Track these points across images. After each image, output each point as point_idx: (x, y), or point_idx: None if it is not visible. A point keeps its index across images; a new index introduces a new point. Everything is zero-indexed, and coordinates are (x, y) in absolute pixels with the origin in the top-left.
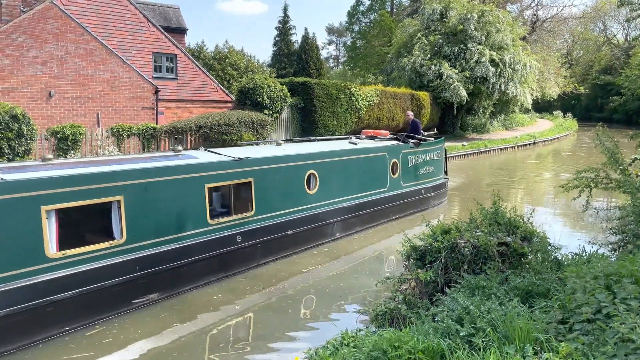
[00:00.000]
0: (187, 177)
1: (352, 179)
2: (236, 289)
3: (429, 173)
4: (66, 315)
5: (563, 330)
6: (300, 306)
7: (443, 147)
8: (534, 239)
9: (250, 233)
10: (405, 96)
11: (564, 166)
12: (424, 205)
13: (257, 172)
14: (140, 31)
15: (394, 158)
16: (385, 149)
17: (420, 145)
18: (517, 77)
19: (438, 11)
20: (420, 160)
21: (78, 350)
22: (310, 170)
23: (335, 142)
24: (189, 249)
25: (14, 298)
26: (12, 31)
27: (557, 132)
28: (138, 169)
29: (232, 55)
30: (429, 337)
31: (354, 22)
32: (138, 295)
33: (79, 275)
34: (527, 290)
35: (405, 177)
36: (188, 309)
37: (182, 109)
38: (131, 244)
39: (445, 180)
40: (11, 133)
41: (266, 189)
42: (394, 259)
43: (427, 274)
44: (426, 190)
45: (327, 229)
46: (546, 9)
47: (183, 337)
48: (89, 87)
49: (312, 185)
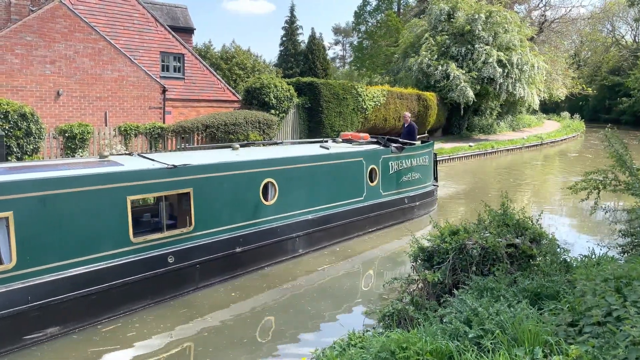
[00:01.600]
0: (101, 188)
1: (321, 188)
2: (244, 289)
3: (414, 180)
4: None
5: (573, 332)
6: (307, 306)
7: (432, 151)
8: (542, 240)
9: (186, 252)
10: (412, 97)
11: (569, 168)
12: (407, 215)
13: (197, 181)
14: (148, 31)
15: (372, 164)
16: (362, 154)
17: (403, 149)
18: (524, 78)
19: (445, 11)
20: (403, 166)
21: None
22: (268, 179)
23: (305, 147)
24: (104, 272)
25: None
26: (21, 30)
27: (564, 134)
28: (32, 180)
29: (238, 55)
30: (437, 338)
31: (361, 22)
32: (31, 330)
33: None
34: (536, 292)
35: (385, 185)
36: (195, 309)
37: (189, 109)
38: (23, 270)
39: (433, 188)
40: (20, 132)
41: (210, 201)
42: (401, 260)
43: (434, 275)
44: (410, 199)
45: (287, 244)
46: (554, 10)
47: (190, 337)
48: (96, 87)
49: (270, 195)
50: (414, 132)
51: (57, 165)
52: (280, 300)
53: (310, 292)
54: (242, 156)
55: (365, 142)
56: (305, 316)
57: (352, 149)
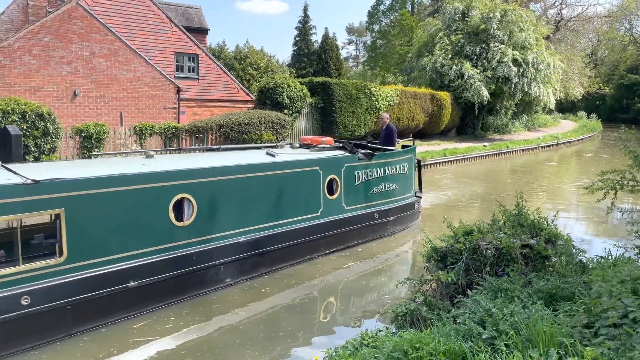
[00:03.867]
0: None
1: (259, 204)
2: (257, 289)
3: (389, 191)
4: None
5: (588, 334)
6: (320, 306)
7: (414, 157)
8: (558, 241)
9: (51, 290)
10: (425, 96)
11: (585, 168)
12: (378, 232)
13: (71, 200)
14: (162, 31)
15: (332, 174)
16: (319, 162)
17: (374, 156)
18: (540, 77)
19: (460, 10)
20: (373, 175)
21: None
22: (181, 194)
23: (247, 154)
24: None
25: None
26: (39, 31)
27: (580, 134)
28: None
29: (252, 55)
30: (451, 339)
31: (374, 21)
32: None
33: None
34: (551, 293)
35: (349, 197)
36: (211, 308)
37: (203, 108)
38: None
39: (415, 200)
40: (37, 131)
41: (91, 224)
42: (414, 260)
43: (448, 276)
44: (382, 213)
45: (208, 274)
46: (570, 8)
47: (205, 336)
48: (112, 87)
49: (187, 214)
50: (393, 136)
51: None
52: (294, 301)
53: (323, 292)
54: (150, 166)
55: (327, 148)
56: (318, 315)
57: (307, 156)
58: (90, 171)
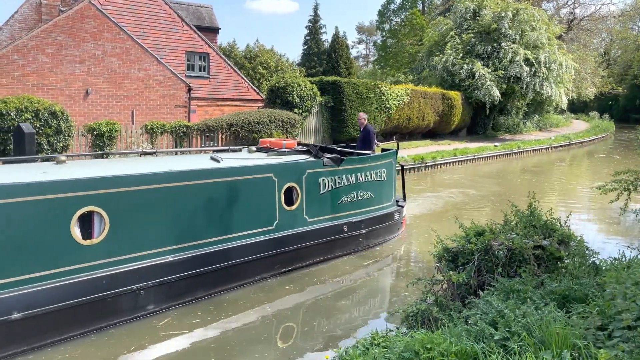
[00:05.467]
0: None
1: (197, 216)
2: (270, 289)
3: (362, 201)
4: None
5: (602, 336)
6: (330, 306)
7: (394, 162)
8: (571, 242)
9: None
10: (436, 95)
11: (597, 169)
12: (348, 247)
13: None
14: (174, 30)
15: (290, 181)
16: (273, 169)
17: (343, 161)
18: (552, 76)
19: (471, 9)
20: (343, 182)
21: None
22: (89, 208)
23: (187, 158)
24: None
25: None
26: (52, 30)
27: (593, 134)
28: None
29: (262, 54)
30: (462, 339)
31: (385, 20)
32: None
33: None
34: (564, 295)
35: (312, 208)
36: (225, 309)
37: (214, 107)
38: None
39: (395, 210)
40: (50, 129)
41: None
42: (425, 261)
43: (459, 276)
44: (353, 225)
45: (121, 301)
46: (583, 7)
47: (217, 336)
48: (124, 85)
49: (97, 230)
50: (370, 138)
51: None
52: (304, 300)
53: (334, 291)
54: (51, 175)
55: (288, 152)
56: (329, 315)
57: (259, 161)
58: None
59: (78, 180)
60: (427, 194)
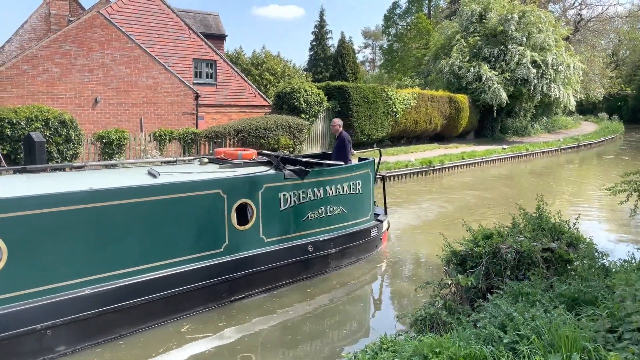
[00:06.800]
0: None
1: (124, 241)
2: (278, 295)
3: (332, 217)
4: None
5: (612, 339)
6: (338, 310)
7: (371, 173)
8: (580, 245)
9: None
10: (443, 99)
11: (606, 170)
12: (314, 269)
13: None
14: (181, 38)
15: (244, 197)
16: (221, 184)
17: (309, 174)
18: (559, 78)
19: (477, 12)
20: (308, 197)
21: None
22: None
23: (118, 173)
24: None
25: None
26: (61, 40)
27: (602, 135)
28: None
29: (269, 61)
30: (471, 343)
31: (391, 25)
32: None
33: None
34: (573, 297)
35: (271, 227)
36: (238, 315)
37: (221, 114)
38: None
39: (372, 225)
40: (60, 138)
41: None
42: (434, 264)
43: (468, 280)
44: (320, 245)
45: (23, 343)
46: (590, 8)
47: (229, 341)
48: (132, 94)
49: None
50: (345, 147)
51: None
52: (312, 305)
53: (342, 296)
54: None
55: (244, 164)
56: (337, 319)
57: (204, 175)
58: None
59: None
60: (434, 198)
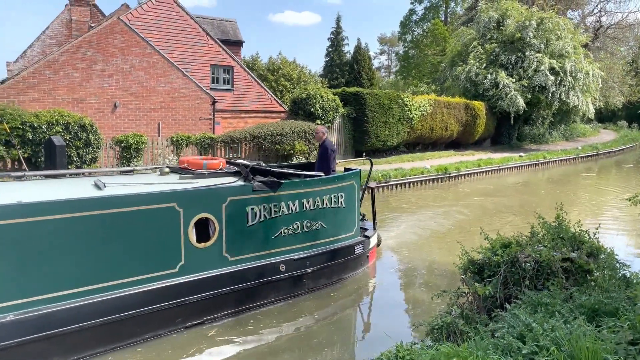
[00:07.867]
0: None
1: (60, 261)
2: (294, 303)
3: (309, 233)
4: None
5: (633, 351)
6: (354, 317)
7: (356, 185)
8: (600, 255)
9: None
10: (459, 106)
11: (626, 179)
12: (287, 290)
13: None
14: (199, 44)
15: (204, 212)
16: (177, 197)
17: (282, 185)
18: (578, 85)
19: (495, 19)
20: (281, 211)
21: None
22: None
23: (60, 183)
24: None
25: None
26: (82, 46)
27: (621, 144)
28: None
29: (285, 67)
30: (489, 353)
31: (407, 31)
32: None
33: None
34: (594, 308)
35: (236, 244)
36: (253, 324)
37: (238, 119)
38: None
39: (356, 242)
40: (80, 142)
41: None
42: (449, 272)
43: (485, 289)
44: (294, 264)
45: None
46: (610, 15)
47: (245, 349)
48: (150, 99)
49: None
50: (328, 156)
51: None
52: (328, 313)
53: (357, 303)
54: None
55: (208, 174)
56: (353, 327)
57: (161, 187)
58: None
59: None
60: (449, 205)
